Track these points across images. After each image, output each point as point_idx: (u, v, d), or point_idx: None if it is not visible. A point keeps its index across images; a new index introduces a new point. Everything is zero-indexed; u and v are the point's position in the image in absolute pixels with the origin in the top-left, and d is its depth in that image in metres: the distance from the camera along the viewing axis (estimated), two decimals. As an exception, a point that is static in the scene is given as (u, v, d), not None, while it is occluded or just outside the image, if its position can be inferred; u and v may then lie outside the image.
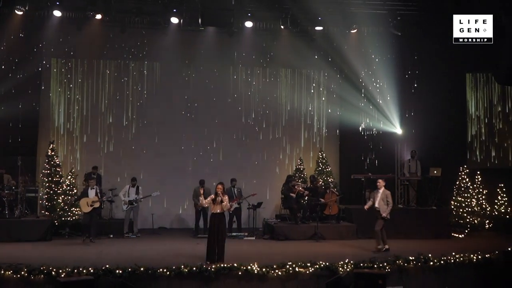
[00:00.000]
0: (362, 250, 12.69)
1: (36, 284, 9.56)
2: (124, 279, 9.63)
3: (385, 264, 10.73)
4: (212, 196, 11.17)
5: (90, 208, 13.55)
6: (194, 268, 10.00)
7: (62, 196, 14.83)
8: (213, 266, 10.18)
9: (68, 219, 14.64)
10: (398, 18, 15.36)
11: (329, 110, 17.99)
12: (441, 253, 11.22)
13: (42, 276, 9.57)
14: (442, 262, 10.98)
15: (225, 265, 10.22)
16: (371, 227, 14.91)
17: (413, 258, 10.98)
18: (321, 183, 16.19)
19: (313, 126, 18.01)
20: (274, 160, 17.69)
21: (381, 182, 12.99)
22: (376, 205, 12.90)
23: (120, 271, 9.74)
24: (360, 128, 17.42)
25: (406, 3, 15.56)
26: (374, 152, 16.96)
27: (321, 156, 17.58)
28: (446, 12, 14.52)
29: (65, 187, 15.00)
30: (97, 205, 13.68)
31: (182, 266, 10.00)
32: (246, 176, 16.34)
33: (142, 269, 9.87)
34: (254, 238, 14.93)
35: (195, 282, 10.04)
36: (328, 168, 17.43)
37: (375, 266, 10.66)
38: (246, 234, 15.09)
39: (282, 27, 16.04)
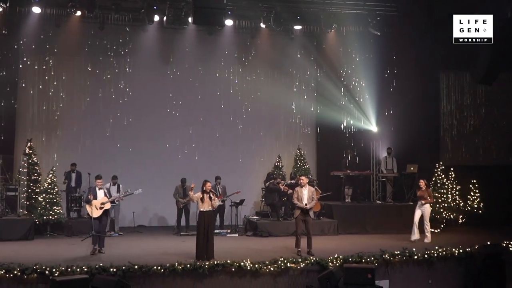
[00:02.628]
0: (347, 245, 12.99)
1: (29, 283, 9.51)
2: (119, 277, 9.64)
3: (372, 258, 11.07)
4: (199, 194, 11.24)
5: (100, 212, 11.96)
6: (188, 266, 10.12)
7: (44, 195, 14.58)
8: (206, 263, 10.29)
9: (50, 217, 14.41)
10: (378, 18, 15.71)
11: (311, 109, 18.21)
12: (425, 248, 11.63)
13: (35, 275, 9.52)
14: (426, 256, 11.39)
15: (218, 262, 10.36)
16: (352, 223, 15.49)
17: (399, 252, 11.36)
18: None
19: (293, 123, 18.22)
20: (254, 158, 17.82)
21: (304, 180, 12.47)
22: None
23: (115, 269, 9.78)
24: (342, 126, 17.67)
25: (385, 4, 15.90)
26: (355, 150, 17.26)
27: (299, 153, 17.83)
28: (422, 12, 15.01)
29: (46, 185, 14.75)
30: (107, 206, 12.14)
31: (176, 264, 10.10)
32: (227, 173, 16.39)
33: (136, 267, 9.92)
34: (237, 235, 15.08)
35: (188, 279, 10.17)
36: (306, 165, 17.68)
37: (363, 260, 10.98)
38: (228, 231, 15.22)
39: (263, 25, 16.18)
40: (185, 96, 17.41)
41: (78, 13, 15.11)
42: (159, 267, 9.98)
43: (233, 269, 10.31)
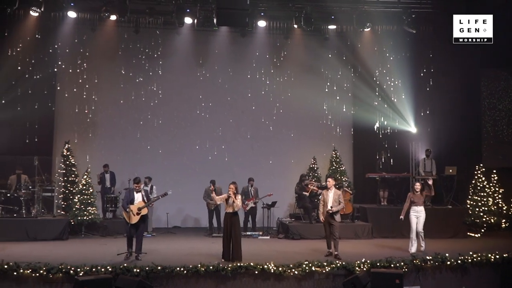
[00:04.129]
0: (378, 249, 12.68)
1: (55, 282, 9.66)
2: (142, 278, 9.69)
3: (402, 263, 10.69)
4: (225, 195, 11.24)
5: (137, 218, 11.34)
6: (211, 267, 10.05)
7: (78, 196, 14.89)
8: (229, 265, 10.21)
9: (84, 218, 14.69)
10: (413, 16, 15.22)
11: (344, 109, 17.89)
12: (458, 253, 11.16)
13: (60, 274, 9.67)
14: (459, 261, 10.93)
15: (241, 264, 10.25)
16: (386, 226, 15.04)
17: (431, 257, 10.94)
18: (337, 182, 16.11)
19: (327, 125, 17.90)
20: (288, 159, 17.63)
21: (330, 182, 12.07)
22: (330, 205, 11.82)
23: (138, 270, 9.84)
24: (375, 127, 17.30)
25: (420, 1, 15.45)
26: (389, 151, 16.85)
27: (335, 155, 17.54)
28: (459, 9, 14.47)
29: (81, 186, 15.06)
30: (144, 211, 11.43)
31: (199, 265, 10.05)
32: (259, 175, 16.30)
33: (159, 268, 9.94)
34: (268, 237, 14.96)
35: (211, 281, 10.10)
36: (342, 167, 17.38)
37: (392, 265, 10.63)
38: (260, 233, 15.13)
39: (295, 26, 15.99)
40: (215, 97, 17.47)
41: (113, 17, 15.40)
42: (181, 268, 9.97)
43: (256, 272, 10.18)
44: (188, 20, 15.78)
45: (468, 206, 15.51)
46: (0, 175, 14.33)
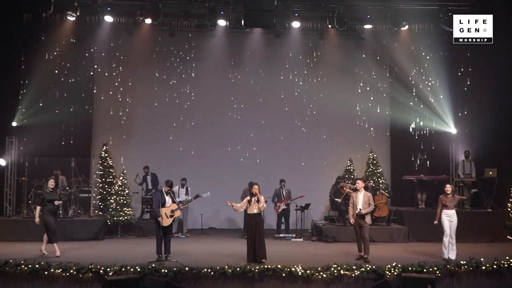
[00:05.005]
0: (412, 254, 12.39)
1: (85, 282, 9.82)
2: (169, 278, 9.76)
3: (435, 268, 10.37)
4: (248, 197, 11.15)
5: (170, 220, 11.30)
6: (238, 269, 10.02)
7: (114, 197, 15.18)
8: (256, 267, 10.15)
9: (120, 219, 14.97)
10: (449, 14, 14.80)
11: (378, 110, 17.56)
12: (494, 257, 10.75)
13: (90, 274, 9.81)
14: (495, 266, 10.52)
15: (269, 266, 10.17)
16: (424, 229, 14.63)
17: (465, 262, 10.58)
18: (371, 184, 15.83)
19: (362, 126, 17.64)
20: (322, 161, 17.48)
21: (359, 183, 11.85)
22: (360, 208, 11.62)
23: (166, 270, 9.89)
24: (411, 128, 16.94)
25: (456, -2, 15.08)
26: (426, 153, 16.45)
27: (371, 157, 17.25)
28: (496, 6, 14.02)
29: (117, 187, 15.35)
30: (178, 214, 11.53)
31: (226, 267, 10.03)
32: (293, 177, 16.22)
33: (187, 268, 9.98)
34: (302, 239, 14.85)
35: (239, 282, 10.05)
36: (379, 169, 17.08)
37: (425, 270, 10.32)
38: (293, 235, 15.03)
39: (329, 26, 15.81)
40: (247, 99, 17.50)
41: (148, 21, 15.62)
42: (209, 270, 9.98)
43: (283, 274, 10.08)
44: (221, 23, 15.88)
45: (509, 209, 14.95)
46: (39, 176, 14.66)
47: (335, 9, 15.08)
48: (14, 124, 15.67)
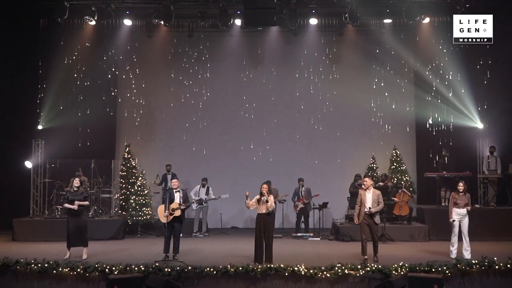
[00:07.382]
0: (427, 253, 12.09)
1: (92, 281, 10.04)
2: (172, 278, 9.85)
3: (445, 268, 10.08)
4: (257, 196, 11.08)
5: (170, 218, 11.23)
6: (240, 268, 10.01)
7: (134, 197, 15.45)
8: (259, 267, 10.13)
9: (140, 218, 15.23)
10: (467, 5, 14.31)
11: (404, 106, 17.12)
12: (508, 256, 10.33)
13: (96, 273, 10.03)
14: (509, 265, 10.13)
15: (272, 266, 10.14)
16: (445, 228, 14.16)
17: (476, 261, 10.24)
18: (391, 184, 15.47)
19: (381, 123, 17.24)
20: (342, 159, 17.23)
21: (367, 182, 11.56)
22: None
23: (169, 270, 10.00)
24: (433, 124, 16.49)
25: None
26: (451, 149, 15.97)
27: (395, 154, 16.88)
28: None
29: (136, 188, 15.61)
30: (177, 213, 11.28)
31: (229, 266, 10.05)
32: (311, 175, 16.08)
33: (190, 268, 10.06)
34: (319, 238, 14.70)
35: (242, 282, 10.05)
36: (403, 166, 16.70)
37: (433, 270, 10.04)
38: (311, 234, 14.91)
39: (346, 22, 15.56)
40: (261, 98, 17.44)
41: (162, 23, 15.75)
42: (211, 269, 10.01)
43: (286, 274, 10.01)
44: (238, 22, 15.90)
45: (535, 206, 14.39)
46: (61, 178, 15.05)
47: (349, 4, 14.81)
48: (39, 127, 16.12)
